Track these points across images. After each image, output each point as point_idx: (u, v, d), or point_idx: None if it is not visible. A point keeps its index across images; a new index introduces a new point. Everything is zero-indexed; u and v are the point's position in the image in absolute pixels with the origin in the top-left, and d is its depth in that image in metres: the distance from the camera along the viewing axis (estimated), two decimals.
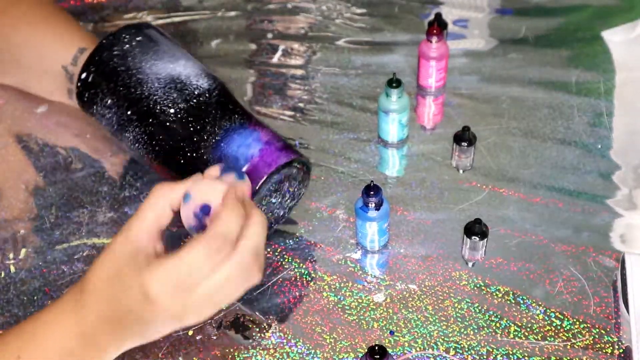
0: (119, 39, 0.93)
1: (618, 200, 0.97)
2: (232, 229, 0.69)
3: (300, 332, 0.87)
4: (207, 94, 0.89)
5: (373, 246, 0.91)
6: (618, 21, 1.15)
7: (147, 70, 0.91)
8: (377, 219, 0.87)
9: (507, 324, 0.87)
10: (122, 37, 0.93)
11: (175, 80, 0.90)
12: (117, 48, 0.92)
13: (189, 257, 0.68)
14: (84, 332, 0.70)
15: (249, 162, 0.85)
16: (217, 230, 0.69)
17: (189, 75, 0.91)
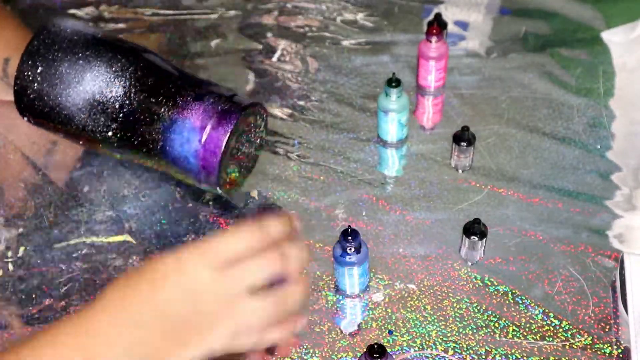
0: (25, 80, 0.91)
1: (617, 201, 0.96)
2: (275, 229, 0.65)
3: (299, 332, 0.87)
4: (127, 101, 0.89)
5: (353, 291, 0.89)
6: (618, 21, 1.15)
7: (67, 104, 0.90)
8: (357, 263, 0.85)
9: (506, 324, 0.87)
10: (27, 76, 0.91)
11: (93, 104, 0.89)
12: (30, 91, 0.91)
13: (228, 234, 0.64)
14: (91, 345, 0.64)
15: (198, 157, 0.88)
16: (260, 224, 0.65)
17: (101, 89, 0.89)
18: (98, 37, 0.91)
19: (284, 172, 1.00)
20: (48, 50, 0.90)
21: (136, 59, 0.90)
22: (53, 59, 0.90)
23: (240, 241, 0.64)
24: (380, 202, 0.97)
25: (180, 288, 0.63)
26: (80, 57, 0.89)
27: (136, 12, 1.21)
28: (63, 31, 0.91)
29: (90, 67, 0.89)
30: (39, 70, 0.90)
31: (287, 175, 1.00)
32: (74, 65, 0.89)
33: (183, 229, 0.95)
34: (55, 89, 0.90)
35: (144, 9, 1.21)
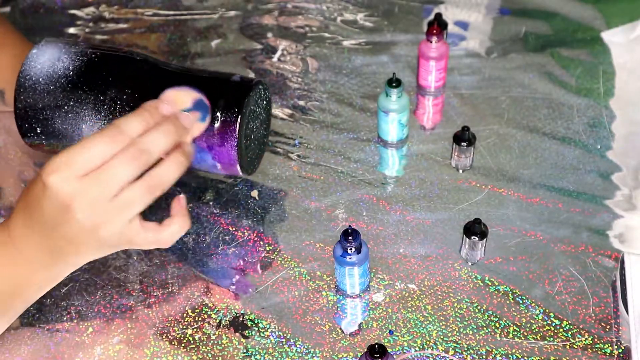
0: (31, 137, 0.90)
1: (617, 201, 0.97)
2: (130, 125, 0.73)
3: (300, 332, 0.87)
4: None
5: (353, 291, 0.89)
6: (618, 21, 1.16)
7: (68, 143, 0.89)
8: (357, 264, 0.85)
9: (507, 324, 0.87)
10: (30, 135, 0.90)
11: None
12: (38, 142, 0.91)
13: (82, 143, 0.71)
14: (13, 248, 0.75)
15: (218, 169, 0.89)
16: (116, 121, 0.73)
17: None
18: (71, 76, 0.88)
19: (284, 172, 1.00)
20: (35, 110, 0.88)
21: (118, 88, 0.87)
22: (45, 118, 0.88)
23: (95, 147, 0.71)
24: (380, 202, 0.97)
25: (51, 205, 0.72)
26: (68, 111, 0.87)
27: (136, 12, 1.21)
28: (37, 84, 0.88)
29: (81, 118, 0.87)
30: (39, 131, 0.89)
31: (287, 175, 1.00)
32: (67, 120, 0.87)
33: None
34: (62, 141, 0.89)
35: (144, 9, 1.21)
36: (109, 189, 0.71)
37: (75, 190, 0.70)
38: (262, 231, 0.95)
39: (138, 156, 0.72)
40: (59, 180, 0.70)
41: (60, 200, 0.71)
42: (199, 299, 0.89)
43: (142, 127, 0.73)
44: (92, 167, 0.71)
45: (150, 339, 0.87)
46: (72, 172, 0.70)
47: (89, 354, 0.85)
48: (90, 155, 0.71)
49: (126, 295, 0.90)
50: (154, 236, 0.76)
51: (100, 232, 0.73)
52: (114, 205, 0.72)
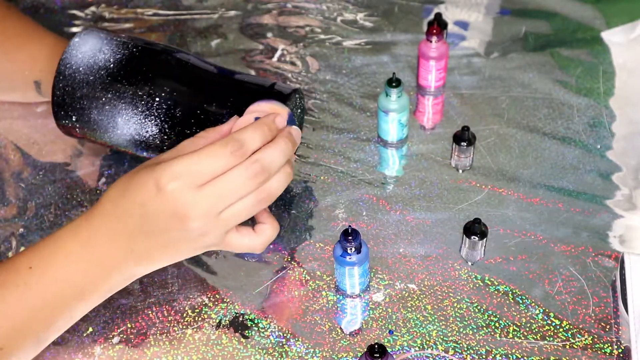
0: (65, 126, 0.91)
1: (617, 201, 0.97)
2: (252, 140, 0.73)
3: (300, 332, 0.87)
4: (164, 135, 0.88)
5: (353, 291, 0.89)
6: (618, 21, 1.15)
7: (112, 142, 0.91)
8: (357, 264, 0.85)
9: (506, 324, 0.87)
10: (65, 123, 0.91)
11: (136, 143, 0.89)
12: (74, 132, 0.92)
13: (203, 153, 0.71)
14: (92, 250, 0.74)
15: None
16: (236, 135, 0.73)
17: (137, 130, 0.88)
18: (111, 69, 0.88)
19: None
20: (72, 99, 0.89)
21: (157, 85, 0.87)
22: (82, 107, 0.89)
23: (216, 159, 0.72)
24: (380, 202, 0.97)
25: (163, 211, 0.72)
26: (105, 102, 0.88)
27: (136, 12, 1.21)
28: (77, 73, 0.88)
29: (118, 111, 0.88)
30: (74, 119, 0.90)
31: None
32: (103, 111, 0.88)
33: None
34: (96, 132, 0.90)
35: (144, 9, 1.21)
36: (225, 202, 0.72)
37: (194, 200, 0.71)
38: None
39: (260, 173, 0.73)
40: (180, 188, 0.71)
41: (177, 209, 0.71)
42: (199, 299, 0.89)
43: (261, 142, 0.74)
44: (210, 178, 0.71)
45: (150, 339, 0.87)
46: (192, 181, 0.71)
47: (89, 354, 0.85)
48: (210, 167, 0.71)
49: (126, 295, 0.90)
50: (250, 242, 0.78)
51: (203, 241, 0.74)
52: (224, 216, 0.73)
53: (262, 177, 0.73)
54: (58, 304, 0.75)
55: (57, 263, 0.75)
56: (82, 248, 0.74)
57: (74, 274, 0.75)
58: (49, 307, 0.75)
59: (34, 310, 0.75)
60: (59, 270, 0.75)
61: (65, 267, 0.75)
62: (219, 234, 0.75)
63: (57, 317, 0.76)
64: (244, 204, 0.74)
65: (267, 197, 0.75)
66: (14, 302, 0.74)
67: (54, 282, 0.75)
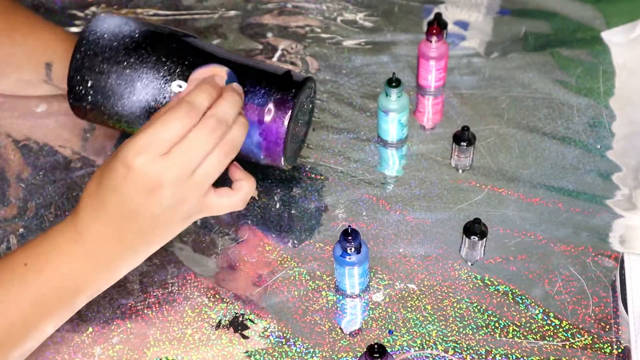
0: (78, 94, 0.91)
1: (617, 201, 0.97)
2: (199, 99, 0.75)
3: (299, 332, 0.87)
4: None
5: (353, 291, 0.89)
6: (618, 21, 1.15)
7: (125, 112, 0.90)
8: (357, 264, 0.85)
9: (506, 324, 0.87)
10: (79, 90, 0.90)
11: (150, 111, 0.89)
12: (85, 103, 0.91)
13: (159, 122, 0.73)
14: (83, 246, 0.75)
15: (261, 148, 0.89)
16: (185, 97, 0.75)
17: (154, 96, 0.88)
18: (136, 37, 0.90)
19: (284, 172, 1.00)
20: (92, 62, 0.89)
21: (180, 57, 0.89)
22: (100, 71, 0.89)
23: (173, 124, 0.73)
24: (380, 202, 0.97)
25: (137, 189, 0.73)
26: (126, 66, 0.89)
27: (136, 12, 1.21)
28: (101, 38, 0.90)
29: (138, 75, 0.88)
30: (89, 84, 0.90)
31: (287, 175, 1.00)
32: (122, 75, 0.89)
33: None
34: (110, 100, 0.90)
35: (144, 9, 1.21)
36: (193, 163, 0.74)
37: (162, 168, 0.72)
38: (261, 231, 0.95)
39: (217, 127, 0.75)
40: (146, 160, 0.72)
41: (148, 181, 0.72)
42: (199, 299, 0.89)
43: (209, 100, 0.76)
44: (172, 144, 0.73)
45: (150, 339, 0.87)
46: (157, 151, 0.72)
47: (89, 354, 0.85)
48: (169, 133, 0.73)
49: (126, 295, 0.90)
50: (229, 200, 0.80)
51: (183, 208, 0.75)
52: (196, 178, 0.75)
53: (221, 130, 0.75)
54: (55, 299, 0.76)
55: (51, 261, 0.75)
56: (73, 245, 0.75)
57: (69, 270, 0.76)
58: (47, 303, 0.76)
59: (32, 307, 0.75)
60: (54, 267, 0.75)
61: (59, 265, 0.75)
62: (196, 196, 0.76)
63: (55, 313, 0.77)
64: (211, 161, 0.75)
65: (231, 149, 0.77)
66: (11, 300, 0.75)
67: (50, 279, 0.75)
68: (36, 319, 0.76)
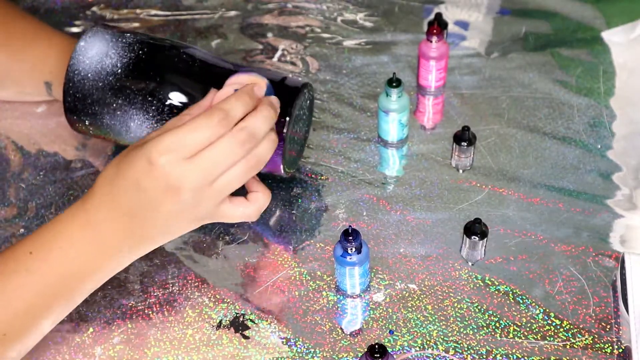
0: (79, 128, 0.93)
1: (618, 201, 0.97)
2: (235, 109, 0.75)
3: (300, 332, 0.87)
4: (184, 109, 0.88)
5: (354, 291, 0.89)
6: (619, 21, 1.15)
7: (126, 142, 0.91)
8: (358, 263, 0.85)
9: (507, 324, 0.87)
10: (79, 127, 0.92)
11: None
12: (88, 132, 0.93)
13: (191, 125, 0.73)
14: (92, 232, 0.75)
15: None
16: (221, 105, 0.75)
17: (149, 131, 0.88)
18: (119, 74, 0.88)
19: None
20: (84, 105, 0.90)
21: (165, 89, 0.88)
22: (93, 113, 0.90)
23: (204, 130, 0.73)
24: (381, 202, 0.97)
25: (157, 186, 0.73)
26: (116, 108, 0.89)
27: (136, 12, 1.21)
28: (85, 79, 0.89)
29: (130, 116, 0.89)
30: (87, 123, 0.91)
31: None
32: (115, 117, 0.89)
33: None
34: (110, 135, 0.92)
35: (144, 9, 1.21)
36: (216, 171, 0.74)
37: (185, 171, 0.72)
38: (262, 231, 0.95)
39: (247, 140, 0.75)
40: (171, 161, 0.72)
41: (169, 181, 0.72)
42: (199, 299, 0.89)
43: (245, 111, 0.76)
44: (199, 149, 0.73)
45: (151, 339, 0.87)
46: (182, 154, 0.72)
47: (89, 354, 0.85)
48: (199, 138, 0.73)
49: (126, 295, 0.90)
50: (244, 210, 0.80)
51: (197, 211, 0.75)
52: (216, 186, 0.75)
53: (250, 144, 0.75)
54: (60, 287, 0.76)
55: (57, 247, 0.75)
56: (82, 230, 0.75)
57: (75, 256, 0.75)
58: (51, 292, 0.76)
59: (37, 296, 0.75)
60: (60, 253, 0.75)
61: (66, 250, 0.75)
62: (213, 204, 0.76)
63: (60, 301, 0.77)
64: (234, 172, 0.75)
65: (257, 164, 0.77)
66: (16, 289, 0.75)
67: (55, 266, 0.75)
68: (39, 310, 0.76)
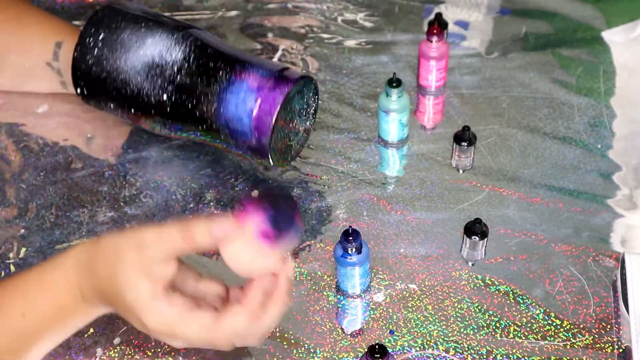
0: (86, 46, 0.95)
1: (618, 200, 0.97)
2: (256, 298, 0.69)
3: (300, 332, 0.87)
4: (185, 65, 0.92)
5: (354, 291, 0.89)
6: (619, 20, 1.16)
7: (125, 67, 0.93)
8: (358, 264, 0.85)
9: (507, 324, 0.87)
10: (88, 42, 0.95)
11: (152, 66, 0.92)
12: (89, 56, 0.95)
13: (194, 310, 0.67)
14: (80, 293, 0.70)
15: (251, 117, 0.89)
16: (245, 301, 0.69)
17: (161, 52, 0.92)
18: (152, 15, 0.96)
19: (284, 172, 1.00)
20: (111, 19, 0.94)
21: (197, 34, 0.94)
22: (116, 26, 0.94)
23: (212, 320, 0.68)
24: (381, 202, 0.97)
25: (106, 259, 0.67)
26: (143, 26, 0.94)
27: None
28: (126, 7, 0.96)
29: (152, 33, 0.93)
30: (101, 37, 0.94)
31: (287, 175, 1.00)
32: (137, 31, 0.93)
33: None
34: (115, 53, 0.94)
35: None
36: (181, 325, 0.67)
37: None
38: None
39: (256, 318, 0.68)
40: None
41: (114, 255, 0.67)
42: None
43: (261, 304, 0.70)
44: None
45: (151, 340, 0.87)
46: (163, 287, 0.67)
47: (90, 354, 0.85)
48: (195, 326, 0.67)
49: None
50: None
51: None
52: None
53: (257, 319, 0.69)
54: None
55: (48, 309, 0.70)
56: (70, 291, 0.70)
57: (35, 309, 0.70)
58: None
59: None
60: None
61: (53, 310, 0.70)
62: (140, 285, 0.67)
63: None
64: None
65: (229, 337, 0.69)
66: None
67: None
68: None
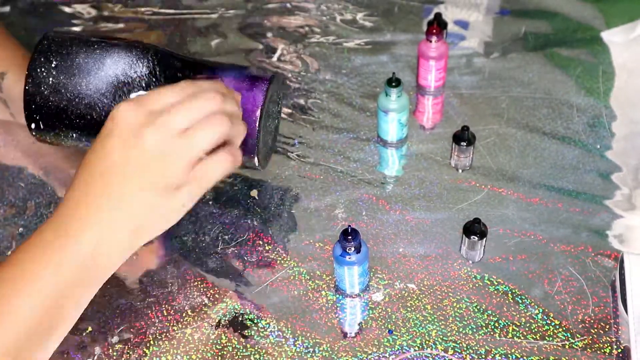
0: (39, 77, 0.86)
1: (617, 201, 0.97)
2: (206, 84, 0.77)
3: (299, 331, 0.87)
4: (153, 78, 0.85)
5: (353, 291, 0.89)
6: (618, 21, 1.16)
7: (89, 92, 0.85)
8: (357, 263, 0.85)
9: (506, 324, 0.87)
10: (40, 73, 0.85)
11: (119, 86, 0.85)
12: (44, 87, 0.85)
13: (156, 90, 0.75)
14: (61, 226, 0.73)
15: None
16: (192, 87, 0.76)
17: (124, 70, 0.85)
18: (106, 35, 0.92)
19: (283, 172, 1.00)
20: (60, 46, 0.86)
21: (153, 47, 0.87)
22: (68, 52, 0.85)
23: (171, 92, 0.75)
24: (380, 201, 0.97)
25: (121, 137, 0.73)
26: (96, 47, 0.85)
27: (136, 11, 1.21)
28: (69, 32, 0.90)
29: (108, 53, 0.85)
30: (53, 65, 0.85)
31: (286, 174, 1.00)
32: (92, 54, 0.85)
33: (183, 228, 0.95)
34: (73, 78, 0.85)
35: (144, 8, 1.21)
36: (178, 123, 0.73)
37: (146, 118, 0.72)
38: (261, 231, 0.95)
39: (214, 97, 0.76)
40: (130, 109, 0.73)
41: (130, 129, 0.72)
42: (199, 299, 0.89)
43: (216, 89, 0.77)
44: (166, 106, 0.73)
45: (150, 339, 0.87)
46: (145, 106, 0.73)
47: (89, 353, 0.85)
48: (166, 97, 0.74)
49: (126, 295, 0.90)
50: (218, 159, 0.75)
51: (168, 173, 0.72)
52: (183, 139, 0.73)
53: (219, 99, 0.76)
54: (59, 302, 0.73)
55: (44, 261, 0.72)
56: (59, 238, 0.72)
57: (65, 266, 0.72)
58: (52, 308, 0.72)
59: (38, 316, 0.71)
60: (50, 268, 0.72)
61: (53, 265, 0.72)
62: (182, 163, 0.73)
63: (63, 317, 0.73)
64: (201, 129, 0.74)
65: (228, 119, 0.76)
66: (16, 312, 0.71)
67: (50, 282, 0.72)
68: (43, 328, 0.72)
